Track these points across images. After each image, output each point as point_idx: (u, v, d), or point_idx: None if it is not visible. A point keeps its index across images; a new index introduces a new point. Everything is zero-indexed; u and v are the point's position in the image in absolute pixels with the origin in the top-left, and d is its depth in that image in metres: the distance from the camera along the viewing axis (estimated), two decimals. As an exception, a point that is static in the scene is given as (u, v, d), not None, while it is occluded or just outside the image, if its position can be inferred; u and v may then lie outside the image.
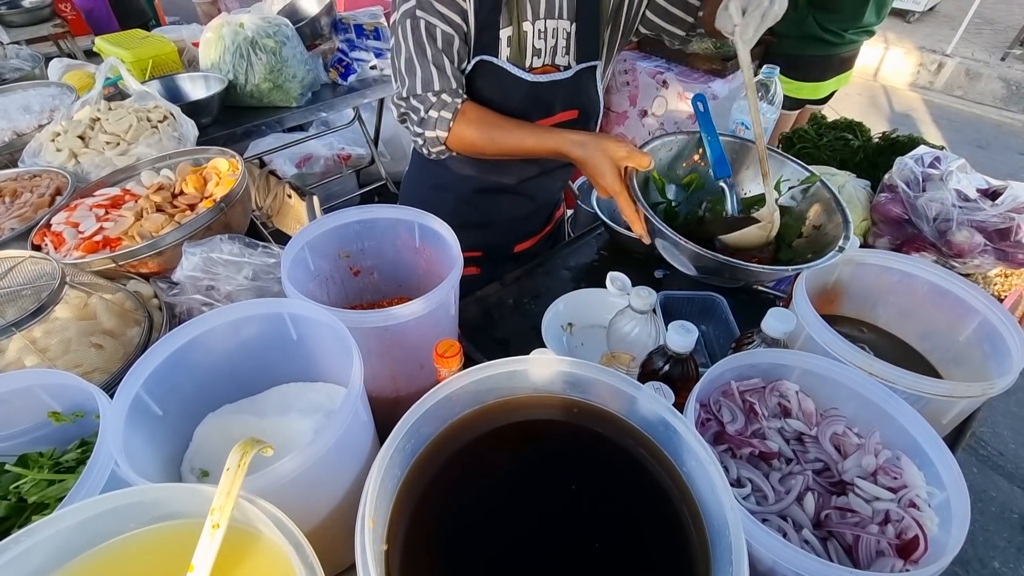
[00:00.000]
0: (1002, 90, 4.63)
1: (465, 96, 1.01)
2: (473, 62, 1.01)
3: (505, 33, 0.99)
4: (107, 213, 1.03)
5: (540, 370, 0.63)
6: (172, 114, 1.35)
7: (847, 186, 1.22)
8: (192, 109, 1.60)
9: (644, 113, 2.42)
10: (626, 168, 0.90)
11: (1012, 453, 1.39)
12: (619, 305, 1.11)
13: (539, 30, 1.02)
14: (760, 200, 0.96)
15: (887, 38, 5.10)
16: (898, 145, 1.30)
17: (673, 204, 1.03)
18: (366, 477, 0.73)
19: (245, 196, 1.07)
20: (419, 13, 0.95)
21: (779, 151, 1.02)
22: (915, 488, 0.57)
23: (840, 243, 0.80)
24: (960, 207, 1.00)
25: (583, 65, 1.08)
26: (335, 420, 0.58)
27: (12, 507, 0.64)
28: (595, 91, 1.13)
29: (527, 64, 1.03)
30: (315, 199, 2.20)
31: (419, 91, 0.98)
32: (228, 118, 1.94)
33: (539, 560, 0.53)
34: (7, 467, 0.66)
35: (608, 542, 0.54)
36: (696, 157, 1.02)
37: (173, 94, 1.90)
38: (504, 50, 1.01)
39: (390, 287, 1.02)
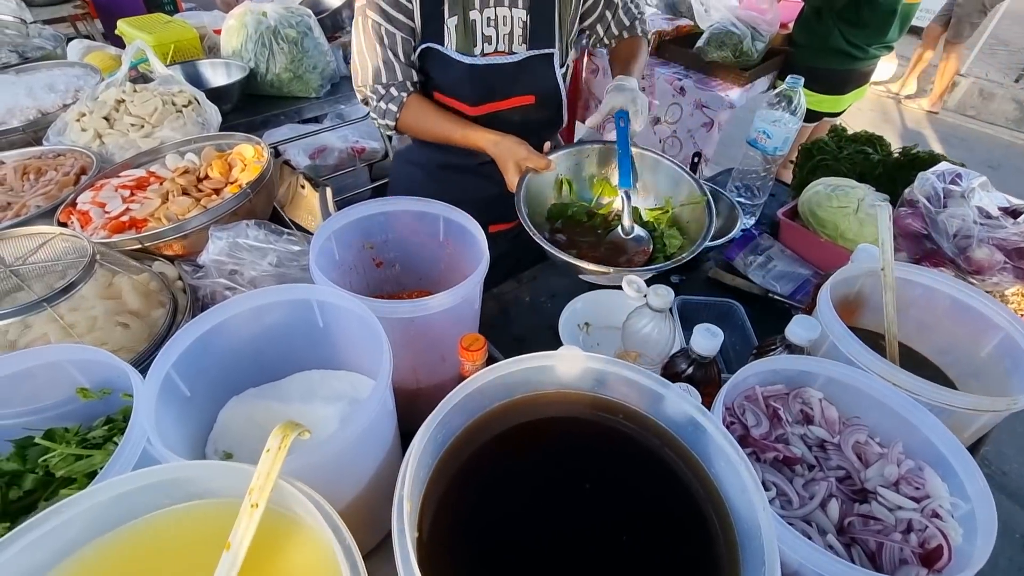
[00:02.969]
0: (1015, 111, 4.64)
1: (412, 89, 1.13)
2: (420, 48, 1.09)
3: (452, 22, 1.06)
4: (132, 194, 1.04)
5: (568, 366, 0.63)
6: (196, 99, 1.35)
7: (866, 200, 1.23)
8: (213, 95, 1.60)
9: (656, 120, 2.42)
10: (526, 167, 1.03)
11: (1015, 472, 1.39)
12: (635, 307, 1.12)
13: (488, 18, 1.08)
14: (655, 210, 1.13)
15: (902, 54, 5.10)
16: (918, 161, 1.30)
17: (565, 204, 1.15)
18: (388, 466, 0.74)
19: (270, 183, 1.08)
20: (368, 12, 1.05)
21: (680, 165, 1.12)
22: (938, 499, 0.58)
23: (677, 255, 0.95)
24: (982, 224, 1.01)
25: (533, 52, 1.12)
26: (366, 407, 0.58)
27: (39, 480, 0.65)
28: (553, 78, 1.18)
29: (478, 51, 1.10)
30: (328, 191, 2.21)
31: (371, 81, 1.11)
32: (247, 106, 1.95)
33: (563, 555, 0.54)
34: (36, 440, 0.66)
35: (633, 540, 0.55)
36: (613, 167, 1.12)
37: (193, 80, 1.91)
38: (452, 38, 1.07)
39: (411, 280, 1.03)
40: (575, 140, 3.28)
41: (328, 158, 3.00)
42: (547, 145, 1.12)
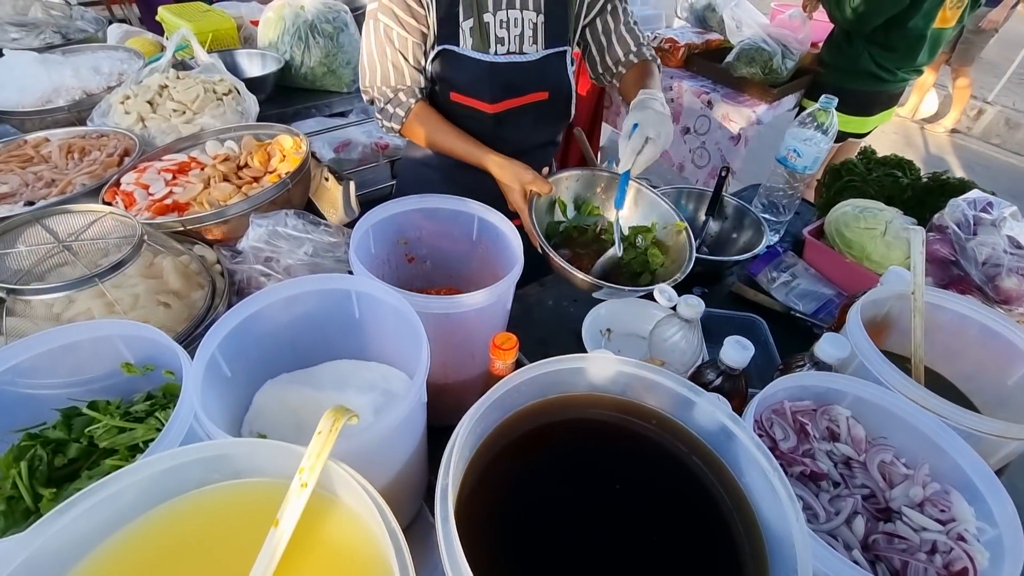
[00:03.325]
0: (1041, 142, 4.59)
1: (419, 96, 1.16)
2: (437, 50, 1.11)
3: (467, 24, 1.09)
4: (174, 178, 1.07)
5: (601, 369, 0.64)
6: (236, 88, 1.38)
7: (894, 223, 1.23)
8: (248, 85, 1.63)
9: (687, 130, 2.43)
10: (530, 191, 1.06)
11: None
12: (659, 317, 1.13)
13: (501, 20, 1.11)
14: (641, 230, 1.17)
15: (929, 79, 5.07)
16: (947, 187, 1.30)
17: (559, 222, 1.20)
18: (415, 457, 0.76)
19: (307, 175, 1.11)
20: (380, 16, 1.08)
21: (658, 193, 1.17)
22: (964, 522, 0.58)
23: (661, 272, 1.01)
24: (1012, 254, 1.01)
25: (550, 51, 1.16)
26: (405, 398, 0.60)
27: (83, 450, 0.67)
28: (565, 74, 1.22)
29: (491, 51, 1.12)
30: (351, 184, 2.24)
31: (379, 83, 1.14)
32: (280, 97, 1.98)
33: (588, 552, 0.55)
34: (82, 411, 0.68)
35: (659, 543, 0.56)
36: (599, 190, 1.18)
37: (229, 69, 1.93)
38: (467, 39, 1.10)
39: (441, 277, 1.04)
40: (600, 144, 3.32)
41: (352, 152, 3.04)
42: (545, 170, 1.17)
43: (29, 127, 1.35)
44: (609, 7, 1.21)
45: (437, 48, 1.11)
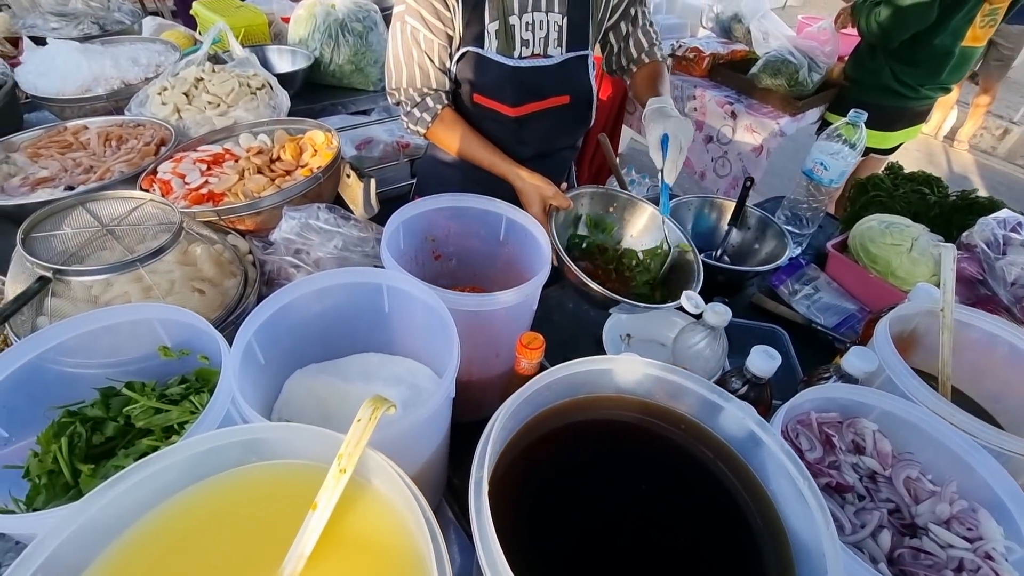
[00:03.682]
0: (1067, 164, 4.51)
1: (446, 101, 1.18)
2: (461, 52, 1.13)
3: (492, 27, 1.10)
4: (209, 168, 1.09)
5: (629, 371, 0.65)
6: (269, 83, 1.41)
7: (920, 239, 1.22)
8: (278, 81, 1.67)
9: (709, 139, 2.43)
10: (550, 205, 1.08)
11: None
12: (679, 324, 1.13)
13: (526, 23, 1.12)
14: (649, 250, 1.18)
15: (952, 96, 5.01)
16: (976, 205, 1.29)
17: (582, 236, 1.20)
18: (439, 451, 0.77)
19: (338, 170, 1.12)
20: (407, 18, 1.09)
21: (675, 223, 1.16)
22: (992, 541, 0.58)
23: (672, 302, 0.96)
24: (1042, 275, 1.00)
25: (572, 54, 1.17)
26: (437, 391, 0.61)
27: (119, 429, 0.69)
28: (586, 78, 1.24)
29: (516, 54, 1.14)
30: (372, 182, 2.27)
31: (404, 85, 1.16)
32: (308, 93, 2.01)
33: (613, 551, 0.55)
34: (121, 391, 0.70)
35: (684, 547, 0.56)
36: (611, 208, 1.19)
37: (260, 64, 1.98)
38: (492, 42, 1.11)
39: (466, 275, 1.06)
40: (619, 151, 3.32)
41: (373, 150, 3.07)
42: (563, 185, 1.19)
43: (68, 114, 1.39)
44: (631, 11, 1.23)
45: (462, 50, 1.13)
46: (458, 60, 1.15)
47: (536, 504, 0.57)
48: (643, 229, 1.22)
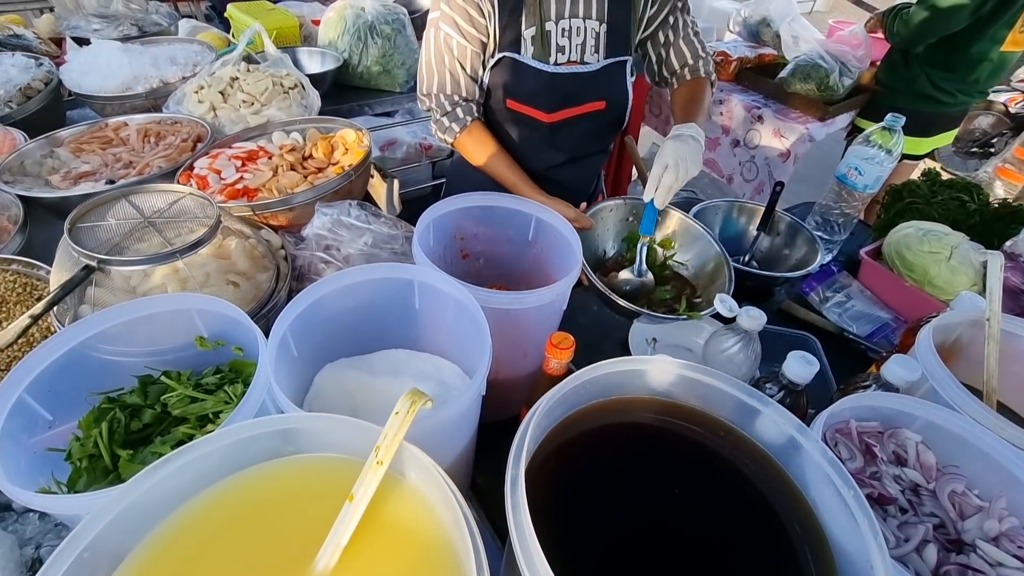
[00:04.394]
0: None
1: (476, 114, 1.18)
2: (497, 58, 1.12)
3: (529, 32, 1.10)
4: (244, 165, 1.11)
5: (663, 373, 0.64)
6: (301, 84, 1.44)
7: (960, 247, 1.18)
8: (309, 82, 1.70)
9: (736, 143, 2.40)
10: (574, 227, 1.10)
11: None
12: (707, 330, 1.11)
13: (563, 29, 1.11)
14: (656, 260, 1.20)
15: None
16: (1019, 214, 1.25)
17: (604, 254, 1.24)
18: (466, 448, 0.77)
19: (368, 168, 1.14)
20: (441, 24, 1.09)
21: (702, 224, 1.17)
22: (1045, 561, 0.56)
23: (701, 311, 0.99)
24: (1092, 286, 0.96)
25: (610, 60, 1.16)
26: (469, 388, 0.61)
27: (156, 416, 0.70)
28: (624, 84, 1.22)
29: (552, 60, 1.12)
30: (396, 183, 2.30)
31: (435, 91, 1.16)
32: (337, 94, 2.04)
33: (644, 554, 0.54)
34: (159, 379, 0.72)
35: (720, 552, 0.55)
36: (631, 219, 1.21)
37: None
38: (528, 48, 1.11)
39: (492, 275, 1.06)
40: (638, 144, 3.30)
41: (396, 151, 3.10)
42: (583, 205, 1.19)
43: (109, 111, 1.43)
44: (671, 19, 1.21)
45: (498, 56, 1.12)
46: (493, 66, 1.15)
47: (569, 503, 0.57)
48: (671, 234, 1.21)
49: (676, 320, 1.00)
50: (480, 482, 0.90)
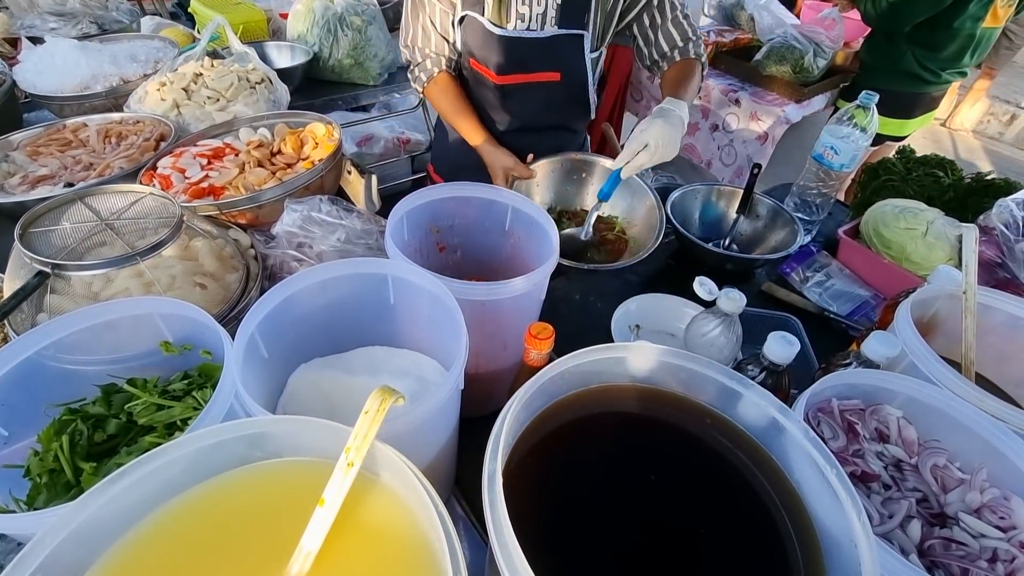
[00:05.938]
0: (1076, 149, 4.45)
1: (444, 66, 1.27)
2: (461, 15, 1.17)
3: None
4: (209, 163, 1.07)
5: (643, 359, 0.63)
6: (269, 78, 1.39)
7: (936, 223, 1.19)
8: (277, 76, 1.65)
9: (715, 128, 2.40)
10: (512, 176, 1.19)
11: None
12: (689, 314, 1.11)
13: None
14: (607, 220, 1.30)
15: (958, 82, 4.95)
16: (992, 188, 1.26)
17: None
18: (446, 445, 0.75)
19: (339, 163, 1.10)
20: None
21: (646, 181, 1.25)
22: (1026, 530, 0.56)
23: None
24: (1064, 256, 0.97)
25: (563, 31, 1.18)
26: (446, 382, 0.59)
27: (121, 426, 0.68)
28: (582, 60, 1.23)
29: (510, 26, 1.16)
30: (374, 178, 2.25)
31: (410, 42, 1.26)
32: (307, 89, 1.99)
33: (627, 544, 0.54)
34: (122, 387, 0.69)
35: (705, 538, 0.54)
36: (583, 175, 1.29)
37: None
38: (488, 9, 1.15)
39: (471, 267, 1.04)
40: (620, 131, 3.29)
41: (374, 147, 3.05)
42: (530, 156, 1.24)
43: (67, 112, 1.38)
44: (655, 1, 1.20)
45: (461, 13, 1.16)
46: (459, 23, 1.19)
47: (551, 496, 0.56)
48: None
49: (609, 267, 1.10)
50: (464, 478, 0.88)
